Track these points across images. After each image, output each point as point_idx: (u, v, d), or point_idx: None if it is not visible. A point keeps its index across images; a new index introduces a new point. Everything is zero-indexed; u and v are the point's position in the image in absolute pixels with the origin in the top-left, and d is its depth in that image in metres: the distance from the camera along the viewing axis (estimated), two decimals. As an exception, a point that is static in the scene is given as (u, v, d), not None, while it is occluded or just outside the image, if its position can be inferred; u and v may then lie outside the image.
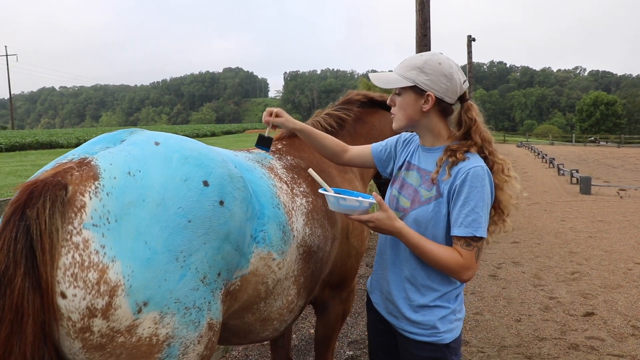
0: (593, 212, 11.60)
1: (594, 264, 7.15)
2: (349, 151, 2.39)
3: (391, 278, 2.07)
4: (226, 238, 1.72)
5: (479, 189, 1.83)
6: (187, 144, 1.82)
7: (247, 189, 1.90)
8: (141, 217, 1.52)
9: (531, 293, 5.91)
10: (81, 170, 1.55)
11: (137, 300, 1.47)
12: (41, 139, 31.52)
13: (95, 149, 1.70)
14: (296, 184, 2.35)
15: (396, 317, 2.06)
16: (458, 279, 1.88)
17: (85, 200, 1.48)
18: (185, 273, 1.57)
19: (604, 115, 79.86)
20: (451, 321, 1.98)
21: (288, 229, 2.11)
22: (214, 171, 1.76)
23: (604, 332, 4.78)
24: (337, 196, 1.85)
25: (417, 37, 12.99)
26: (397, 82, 1.98)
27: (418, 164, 2.07)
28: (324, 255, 2.38)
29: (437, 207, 1.91)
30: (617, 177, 20.21)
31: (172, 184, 1.62)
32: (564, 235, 9.05)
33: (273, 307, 2.13)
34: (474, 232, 1.80)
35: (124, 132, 1.83)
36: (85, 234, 1.44)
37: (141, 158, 1.64)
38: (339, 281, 2.75)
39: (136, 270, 1.47)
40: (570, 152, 38.33)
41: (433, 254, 1.84)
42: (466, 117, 1.97)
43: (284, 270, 2.08)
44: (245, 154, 2.35)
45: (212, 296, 1.67)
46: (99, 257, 1.44)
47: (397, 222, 1.85)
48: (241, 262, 1.84)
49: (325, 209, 2.40)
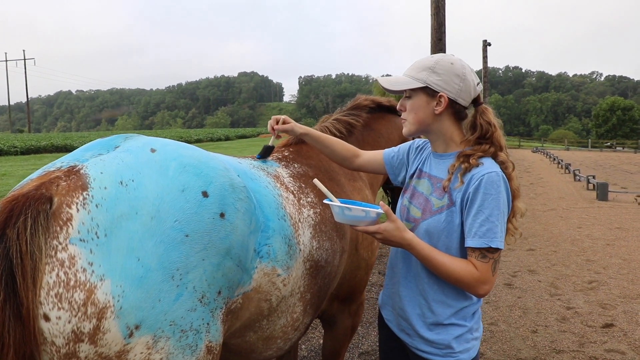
0: (610, 219, 11.36)
1: (612, 272, 6.96)
2: (360, 156, 2.30)
3: (404, 293, 1.96)
4: (227, 253, 1.59)
5: (494, 196, 1.70)
6: (186, 151, 1.69)
7: (250, 200, 1.78)
8: (133, 232, 1.39)
9: (547, 303, 5.75)
10: (69, 179, 1.42)
11: (128, 323, 1.35)
12: (56, 142, 31.71)
13: (86, 156, 1.57)
14: (303, 194, 2.22)
15: (409, 334, 1.94)
16: (474, 293, 1.76)
17: (72, 213, 1.35)
18: (182, 292, 1.45)
19: (621, 120, 78.94)
20: (467, 340, 1.86)
21: (294, 242, 1.98)
22: (215, 181, 1.63)
23: (624, 344, 4.61)
24: (342, 206, 1.74)
25: (432, 41, 12.88)
26: (407, 83, 1.87)
27: (429, 172, 1.96)
28: (332, 270, 2.25)
29: (449, 216, 1.80)
30: (634, 183, 19.84)
31: (169, 195, 1.49)
32: (580, 243, 8.85)
33: (277, 325, 2.00)
34: (489, 243, 1.68)
35: (118, 138, 1.70)
36: (72, 249, 1.31)
37: (135, 166, 1.52)
38: (347, 294, 2.62)
39: (127, 290, 1.34)
40: (586, 157, 37.89)
41: (446, 266, 1.72)
42: (482, 120, 1.85)
43: (289, 287, 1.95)
44: (250, 161, 2.23)
45: (211, 317, 1.55)
46: (86, 275, 1.31)
47: (407, 233, 1.74)
48: (243, 278, 1.71)
49: (334, 220, 2.28)
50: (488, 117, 1.86)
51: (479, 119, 1.86)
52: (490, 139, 1.84)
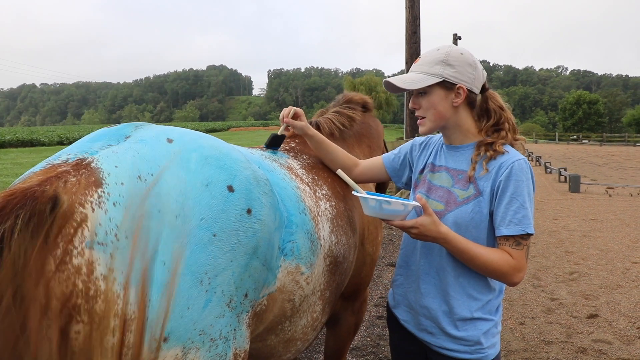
0: (584, 211, 11.57)
1: (592, 263, 7.07)
2: (359, 165, 2.25)
3: (425, 289, 1.89)
4: (254, 252, 1.48)
5: (525, 182, 1.69)
6: (206, 140, 1.55)
7: (274, 194, 1.66)
8: (157, 232, 1.25)
9: (532, 294, 5.79)
10: (79, 174, 1.25)
11: (155, 335, 1.23)
12: (22, 136, 30.96)
13: (94, 147, 1.38)
14: (318, 186, 2.12)
15: (432, 333, 1.87)
16: (509, 282, 1.71)
17: (87, 213, 1.18)
18: (211, 298, 1.33)
19: (587, 113, 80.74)
20: (494, 335, 1.82)
21: (315, 237, 1.86)
22: (239, 173, 1.50)
23: (610, 334, 4.67)
24: (380, 199, 1.63)
25: (406, 34, 12.91)
26: (424, 80, 1.80)
27: (446, 164, 1.91)
28: (347, 266, 2.16)
29: (477, 206, 1.75)
30: (603, 175, 20.28)
31: (192, 191, 1.35)
32: (558, 235, 8.97)
33: (298, 326, 1.89)
34: (525, 229, 1.66)
35: (128, 127, 1.51)
36: (89, 254, 1.15)
37: (153, 159, 1.36)
38: (352, 291, 2.53)
39: (153, 298, 1.22)
40: (554, 150, 38.55)
41: (483, 258, 1.67)
42: (494, 105, 1.85)
43: (311, 285, 1.85)
44: (261, 152, 2.10)
45: (237, 322, 1.43)
46: (107, 283, 1.16)
47: (442, 227, 1.67)
48: (268, 278, 1.59)
49: (348, 214, 2.18)
50: (498, 101, 1.87)
51: (490, 104, 1.86)
52: (505, 124, 1.84)
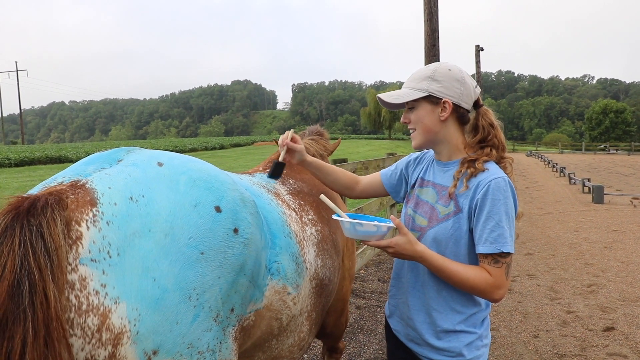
0: (607, 222, 11.39)
1: (611, 275, 6.97)
2: (360, 182, 2.29)
3: (412, 302, 1.96)
4: (241, 269, 1.55)
5: (502, 201, 1.73)
6: (194, 164, 1.62)
7: (260, 215, 1.74)
8: (148, 250, 1.31)
9: (548, 307, 5.74)
10: (75, 194, 1.33)
11: (146, 349, 1.27)
12: (50, 153, 31.52)
13: (88, 170, 1.47)
14: (304, 211, 2.21)
15: (418, 344, 1.94)
16: (489, 299, 1.76)
17: (82, 231, 1.25)
18: (199, 313, 1.39)
19: (614, 123, 79.52)
20: (478, 347, 1.86)
21: (301, 260, 1.96)
22: (226, 195, 1.57)
23: (626, 348, 4.61)
24: (353, 222, 1.72)
25: (425, 47, 12.93)
26: (409, 95, 1.89)
27: (433, 180, 1.97)
28: (332, 288, 2.26)
29: (456, 223, 1.81)
30: (629, 185, 19.93)
31: (181, 211, 1.42)
32: (578, 246, 8.86)
33: (285, 344, 1.98)
34: (500, 248, 1.70)
35: (120, 151, 1.60)
36: (83, 270, 1.22)
37: (144, 181, 1.44)
38: (336, 307, 2.64)
39: (144, 313, 1.27)
40: (580, 160, 38.02)
41: (459, 275, 1.72)
42: (484, 121, 1.90)
43: (298, 306, 1.93)
44: (249, 178, 2.21)
45: (223, 335, 1.50)
46: (99, 298, 1.22)
47: (418, 245, 1.74)
48: (255, 294, 1.67)
49: (332, 238, 2.28)
50: (490, 118, 1.91)
51: (481, 120, 1.90)
52: (492, 141, 1.88)
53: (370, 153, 33.69)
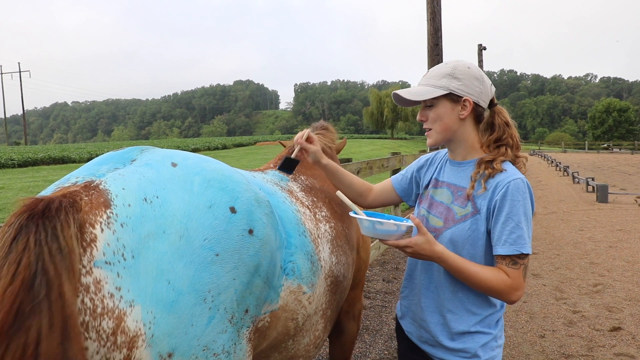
0: (612, 221, 11.36)
1: (617, 275, 6.95)
2: (372, 190, 2.26)
3: (425, 303, 1.94)
4: (256, 271, 1.53)
5: (521, 202, 1.72)
6: (208, 164, 1.60)
7: (274, 215, 1.72)
8: (162, 252, 1.30)
9: (554, 307, 5.73)
10: (89, 195, 1.31)
11: (161, 352, 1.27)
12: (53, 154, 31.57)
13: (102, 170, 1.45)
14: (317, 209, 2.19)
15: (432, 345, 1.93)
16: (506, 300, 1.75)
17: (96, 233, 1.24)
18: (214, 315, 1.38)
19: (617, 121, 79.46)
20: (492, 348, 1.85)
21: (316, 258, 1.94)
22: (241, 195, 1.55)
23: (633, 348, 4.59)
24: (373, 220, 1.69)
25: (428, 46, 12.94)
26: (430, 92, 1.85)
27: (448, 180, 1.95)
28: (347, 284, 2.24)
29: (474, 224, 1.79)
30: (633, 184, 19.86)
31: (196, 212, 1.41)
32: (583, 246, 8.83)
33: (301, 344, 1.95)
34: (520, 250, 1.69)
35: (134, 150, 1.58)
36: (97, 273, 1.21)
37: (158, 181, 1.42)
38: (351, 299, 2.63)
39: (159, 316, 1.26)
40: (583, 159, 37.95)
41: (478, 276, 1.71)
42: (499, 120, 1.89)
43: (313, 305, 1.91)
44: (262, 175, 2.18)
45: (237, 336, 1.48)
46: (114, 301, 1.21)
47: (437, 246, 1.72)
48: (270, 295, 1.65)
49: (346, 233, 2.26)
50: (505, 116, 1.90)
51: (497, 119, 1.89)
52: (507, 140, 1.86)
53: (374, 153, 33.71)
